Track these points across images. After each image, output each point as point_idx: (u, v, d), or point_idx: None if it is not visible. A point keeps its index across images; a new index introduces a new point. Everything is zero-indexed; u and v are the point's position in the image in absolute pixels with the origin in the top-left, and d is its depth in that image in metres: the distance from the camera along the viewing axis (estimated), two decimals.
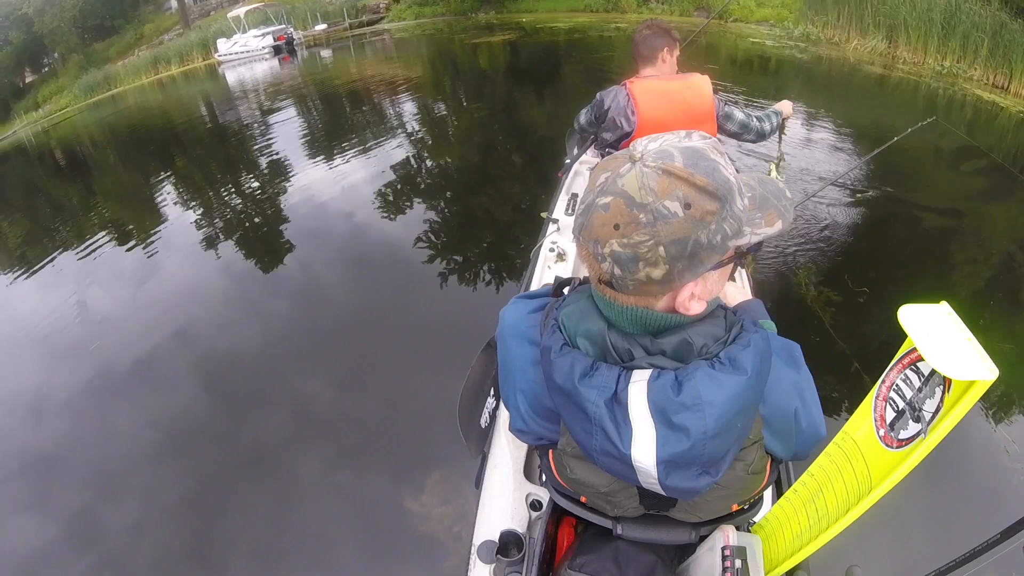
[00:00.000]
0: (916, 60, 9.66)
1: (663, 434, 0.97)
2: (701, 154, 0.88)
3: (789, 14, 13.16)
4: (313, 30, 29.92)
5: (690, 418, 0.93)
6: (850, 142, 6.55)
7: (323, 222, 6.59)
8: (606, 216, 0.88)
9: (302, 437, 3.59)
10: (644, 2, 18.04)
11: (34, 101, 37.61)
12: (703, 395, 0.92)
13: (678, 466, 0.99)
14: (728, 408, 0.93)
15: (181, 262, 6.62)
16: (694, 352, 0.97)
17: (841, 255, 4.53)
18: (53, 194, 13.05)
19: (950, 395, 1.00)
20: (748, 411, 0.99)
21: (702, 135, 0.94)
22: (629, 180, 0.87)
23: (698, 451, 0.96)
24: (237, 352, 4.52)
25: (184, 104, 21.13)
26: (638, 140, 0.93)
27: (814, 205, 5.18)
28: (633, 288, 0.92)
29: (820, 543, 1.23)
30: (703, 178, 0.85)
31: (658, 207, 0.85)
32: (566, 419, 1.10)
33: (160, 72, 31.48)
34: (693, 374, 0.94)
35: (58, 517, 3.42)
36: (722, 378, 0.93)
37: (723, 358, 0.95)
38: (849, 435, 1.24)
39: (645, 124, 2.78)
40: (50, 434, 4.12)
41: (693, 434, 0.94)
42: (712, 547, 1.24)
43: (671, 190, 0.85)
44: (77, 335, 5.43)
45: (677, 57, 2.94)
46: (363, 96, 13.82)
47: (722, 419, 0.94)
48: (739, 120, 2.91)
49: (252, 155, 10.81)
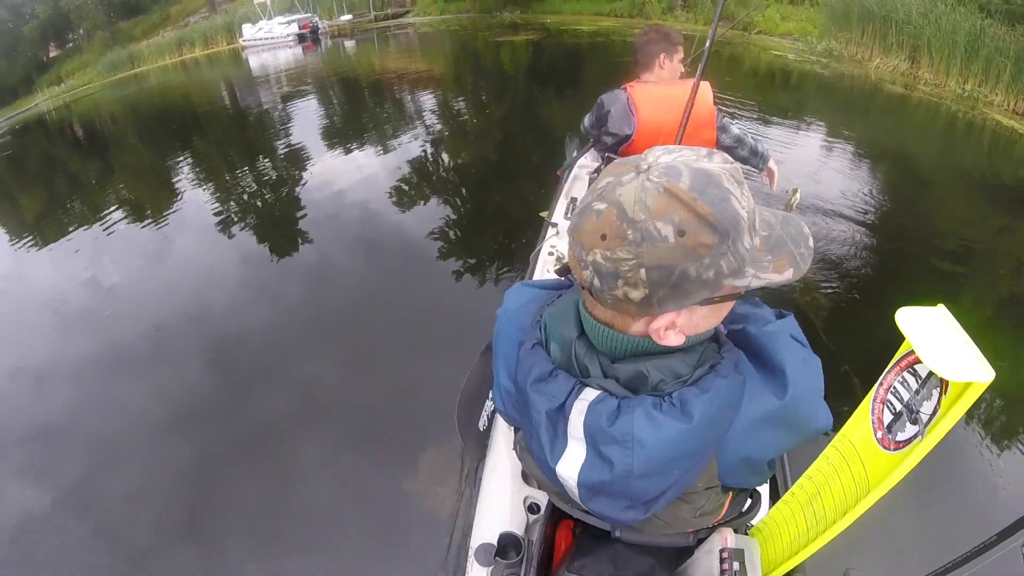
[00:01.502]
0: (938, 82, 9.61)
1: (590, 459, 0.95)
2: (714, 180, 0.79)
3: (813, 28, 13.11)
4: (338, 20, 30.15)
5: (617, 452, 0.91)
6: (866, 162, 6.54)
7: (336, 209, 6.62)
8: (596, 223, 0.81)
9: (304, 417, 3.62)
10: (669, 9, 18.00)
11: (57, 75, 37.84)
12: (636, 433, 0.89)
13: (601, 493, 0.97)
14: (659, 452, 0.89)
15: (195, 241, 6.69)
16: (647, 385, 0.92)
17: (837, 257, 4.53)
18: (71, 168, 13.16)
19: (947, 397, 1.01)
20: (687, 459, 0.92)
21: (725, 158, 0.84)
22: (627, 191, 0.80)
23: (622, 486, 0.93)
24: (245, 330, 4.56)
25: (206, 87, 21.31)
26: (652, 149, 0.86)
27: (813, 207, 5.21)
28: (611, 303, 0.86)
29: (818, 545, 1.24)
30: (706, 207, 0.77)
31: (648, 227, 0.77)
32: (520, 416, 1.11)
33: (184, 54, 31.69)
34: (633, 408, 0.90)
35: (59, 483, 3.46)
36: (661, 420, 0.88)
37: (674, 399, 0.89)
38: (847, 437, 1.25)
39: (644, 128, 2.77)
40: (57, 401, 4.17)
41: (617, 469, 0.91)
42: (710, 550, 1.23)
43: (667, 212, 0.77)
44: (89, 305, 5.51)
45: (680, 61, 2.90)
46: (384, 88, 13.82)
47: (651, 461, 0.90)
48: (734, 134, 2.90)
49: (271, 140, 10.86)
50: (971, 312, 3.72)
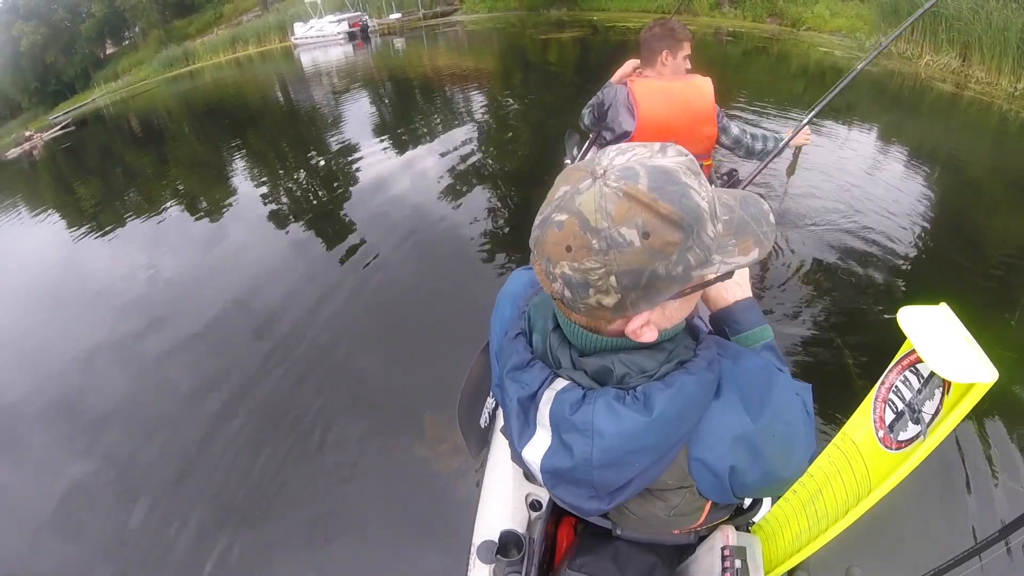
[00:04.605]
0: (989, 80, 9.33)
1: (554, 446, 0.98)
2: (671, 176, 0.80)
3: (863, 25, 12.88)
4: (387, 18, 30.39)
5: (577, 440, 0.92)
6: (909, 161, 6.49)
7: (387, 204, 6.67)
8: (559, 235, 0.81)
9: (345, 403, 3.68)
10: (717, 6, 17.86)
11: (114, 72, 38.98)
12: (595, 423, 0.90)
13: (565, 481, 0.99)
14: (618, 443, 0.90)
15: (247, 232, 6.85)
16: (613, 378, 0.93)
17: (839, 254, 4.46)
18: (128, 160, 13.58)
19: (949, 397, 1.01)
20: (648, 453, 0.92)
21: (679, 150, 0.85)
22: (586, 199, 0.79)
23: (583, 474, 0.95)
24: (291, 318, 4.65)
25: (259, 83, 21.68)
26: (605, 151, 0.85)
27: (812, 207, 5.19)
28: (585, 311, 0.86)
29: (820, 543, 1.25)
30: (667, 205, 0.77)
31: (612, 234, 0.77)
32: (499, 397, 1.14)
33: (238, 51, 32.38)
34: (596, 399, 0.91)
35: (102, 458, 3.64)
36: (622, 412, 0.89)
37: (638, 392, 0.90)
38: (848, 436, 1.26)
39: (645, 123, 2.74)
40: (110, 382, 4.35)
41: (577, 456, 0.93)
42: (712, 547, 1.25)
43: (629, 216, 0.77)
44: (142, 291, 5.72)
45: (686, 58, 2.88)
46: (433, 85, 13.86)
47: (610, 452, 0.91)
48: (733, 135, 2.90)
49: (322, 135, 11.00)
50: (974, 311, 3.62)
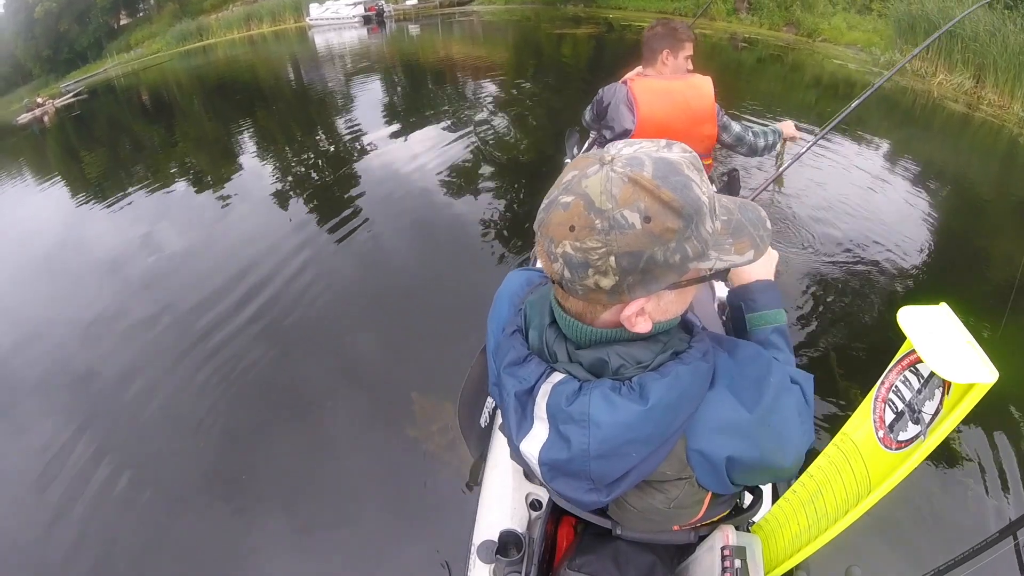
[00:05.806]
0: (1002, 104, 9.27)
1: (552, 438, 0.99)
2: (675, 168, 0.84)
3: (879, 40, 12.83)
4: (403, 4, 30.31)
5: (574, 431, 0.94)
6: (915, 176, 6.46)
7: (388, 188, 6.68)
8: (564, 215, 0.85)
9: (338, 384, 3.68)
10: (734, 11, 17.80)
11: (126, 43, 38.71)
12: (592, 413, 0.92)
13: (563, 473, 1.00)
14: (615, 433, 0.92)
15: (248, 207, 6.86)
16: (608, 370, 0.95)
17: (840, 256, 4.47)
18: (136, 132, 13.54)
19: (949, 397, 1.02)
20: (645, 443, 0.94)
21: (683, 148, 0.89)
22: (593, 182, 0.83)
23: (580, 466, 0.96)
24: (289, 296, 4.65)
25: (272, 62, 21.57)
26: (613, 143, 0.90)
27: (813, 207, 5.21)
28: (582, 294, 0.89)
29: (820, 543, 1.25)
30: (670, 193, 0.81)
31: (615, 215, 0.81)
32: (496, 395, 1.16)
33: (252, 29, 32.18)
34: (592, 390, 0.93)
35: (88, 425, 3.63)
36: (618, 402, 0.91)
37: (634, 383, 0.92)
38: (848, 436, 1.26)
39: (644, 122, 2.74)
40: (105, 353, 4.33)
41: (574, 447, 0.94)
42: (712, 547, 1.25)
43: (633, 200, 0.81)
44: (143, 263, 5.70)
45: (687, 58, 2.87)
46: (445, 74, 13.86)
47: (607, 442, 0.92)
48: (735, 132, 2.89)
49: (331, 117, 10.99)
50: (975, 311, 3.61)
